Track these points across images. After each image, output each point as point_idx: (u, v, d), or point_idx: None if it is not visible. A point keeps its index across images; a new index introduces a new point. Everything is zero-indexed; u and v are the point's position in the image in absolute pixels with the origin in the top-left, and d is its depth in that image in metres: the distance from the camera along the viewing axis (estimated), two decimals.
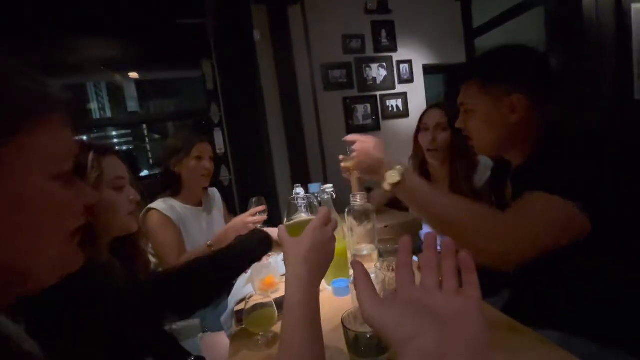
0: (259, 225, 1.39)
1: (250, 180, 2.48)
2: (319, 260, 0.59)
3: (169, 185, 1.47)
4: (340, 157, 1.56)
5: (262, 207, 1.40)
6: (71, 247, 0.38)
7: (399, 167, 0.82)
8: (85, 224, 0.39)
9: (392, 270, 0.90)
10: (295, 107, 2.54)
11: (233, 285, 1.12)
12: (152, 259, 1.40)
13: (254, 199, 1.43)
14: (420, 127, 1.46)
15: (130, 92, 5.96)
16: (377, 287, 0.82)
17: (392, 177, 0.81)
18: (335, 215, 1.05)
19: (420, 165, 1.52)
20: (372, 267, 0.99)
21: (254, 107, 2.44)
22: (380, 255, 1.07)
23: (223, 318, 1.03)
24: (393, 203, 1.68)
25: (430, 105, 1.49)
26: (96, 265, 0.70)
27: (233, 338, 0.88)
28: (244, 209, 2.56)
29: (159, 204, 1.39)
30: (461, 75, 0.89)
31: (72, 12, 2.17)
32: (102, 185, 0.79)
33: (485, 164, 1.38)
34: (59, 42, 2.43)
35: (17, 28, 2.12)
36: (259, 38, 2.44)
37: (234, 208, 2.51)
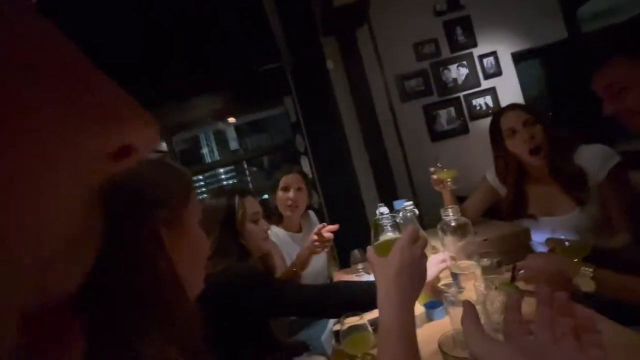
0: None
1: (338, 201, 2.56)
2: (410, 280, 0.56)
3: (272, 215, 1.63)
4: (431, 169, 1.49)
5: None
6: (203, 277, 0.52)
7: (585, 269, 0.76)
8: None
9: (496, 288, 0.82)
10: (374, 123, 2.56)
11: None
12: None
13: (356, 251, 1.46)
14: (503, 134, 1.29)
15: (231, 134, 6.89)
16: (478, 308, 0.76)
17: (585, 284, 0.75)
18: (422, 232, 1.01)
19: (514, 176, 1.34)
20: (474, 285, 0.91)
21: (335, 131, 2.56)
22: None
23: (324, 337, 1.08)
24: (491, 212, 1.51)
25: (501, 110, 1.34)
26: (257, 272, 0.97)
27: (334, 357, 0.91)
28: (336, 231, 2.65)
29: None
30: (599, 55, 0.82)
31: (178, 82, 2.69)
32: (245, 220, 1.01)
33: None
34: (174, 105, 3.02)
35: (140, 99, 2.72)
36: (332, 67, 2.58)
37: None
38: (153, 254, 0.39)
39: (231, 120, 4.93)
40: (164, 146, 3.00)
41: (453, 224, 0.95)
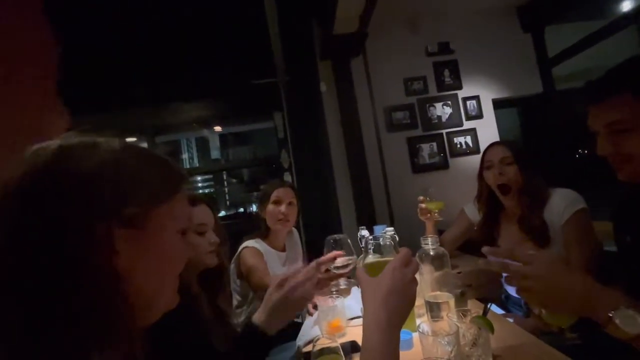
0: (342, 284, 1.30)
1: (315, 220, 2.55)
2: (399, 304, 0.55)
3: (258, 228, 1.56)
4: (420, 198, 1.52)
5: (339, 253, 0.93)
6: (176, 288, 0.46)
7: (625, 310, 0.57)
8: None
9: (464, 318, 0.83)
10: (359, 149, 2.62)
11: (300, 325, 1.13)
12: (237, 297, 1.50)
13: (331, 239, 0.98)
14: (484, 165, 1.38)
15: (215, 142, 6.79)
16: (449, 338, 0.76)
17: (628, 323, 0.56)
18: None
19: (487, 204, 1.41)
20: (447, 316, 0.92)
21: (320, 152, 2.59)
22: None
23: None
24: (466, 247, 1.55)
25: (492, 143, 1.42)
26: (186, 296, 0.82)
27: None
28: (311, 252, 2.62)
29: (252, 243, 1.49)
30: (602, 88, 0.72)
31: (171, 84, 2.67)
32: (188, 230, 0.94)
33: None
34: (164, 108, 2.98)
35: (131, 99, 2.68)
36: (324, 89, 2.64)
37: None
38: (95, 262, 0.35)
39: (217, 129, 4.89)
40: (144, 146, 2.93)
41: (432, 253, 0.97)
